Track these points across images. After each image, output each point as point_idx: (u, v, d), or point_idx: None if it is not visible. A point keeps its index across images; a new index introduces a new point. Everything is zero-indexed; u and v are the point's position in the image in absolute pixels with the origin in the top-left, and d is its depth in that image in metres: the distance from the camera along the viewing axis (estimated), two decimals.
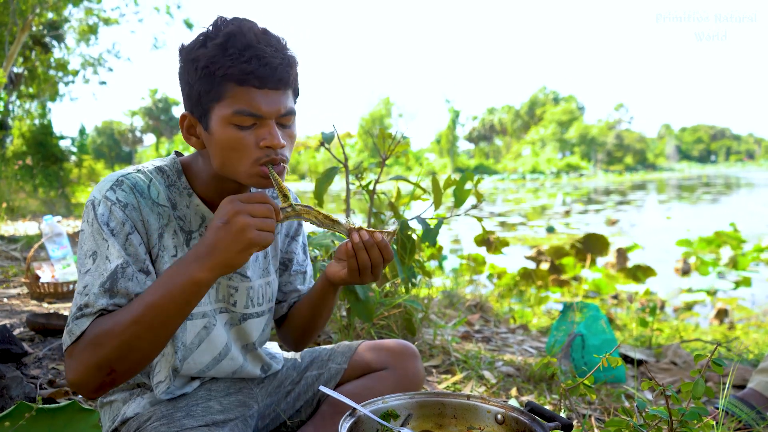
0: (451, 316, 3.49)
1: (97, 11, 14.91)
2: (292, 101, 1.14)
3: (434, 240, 2.36)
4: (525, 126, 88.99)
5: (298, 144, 6.56)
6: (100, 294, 1.06)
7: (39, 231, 6.24)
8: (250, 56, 1.05)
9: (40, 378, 2.01)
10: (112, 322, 1.03)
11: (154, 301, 1.02)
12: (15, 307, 3.10)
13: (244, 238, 1.00)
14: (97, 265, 1.08)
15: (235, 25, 1.07)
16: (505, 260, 7.81)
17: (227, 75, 1.05)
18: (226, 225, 1.01)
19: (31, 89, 16.54)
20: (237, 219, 1.00)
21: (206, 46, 1.07)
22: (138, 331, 1.02)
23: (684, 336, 4.07)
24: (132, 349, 1.03)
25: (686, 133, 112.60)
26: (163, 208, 1.18)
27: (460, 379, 2.32)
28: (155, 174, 1.20)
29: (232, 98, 1.07)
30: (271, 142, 1.08)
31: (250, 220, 1.00)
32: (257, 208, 1.02)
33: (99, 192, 1.12)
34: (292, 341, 1.48)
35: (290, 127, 1.14)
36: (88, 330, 1.04)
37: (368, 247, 1.17)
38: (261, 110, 1.07)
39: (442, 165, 70.89)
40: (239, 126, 1.08)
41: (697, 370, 1.21)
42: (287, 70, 1.09)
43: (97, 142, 65.87)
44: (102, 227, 1.09)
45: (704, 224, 12.41)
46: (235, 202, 1.02)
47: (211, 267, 1.02)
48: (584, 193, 30.97)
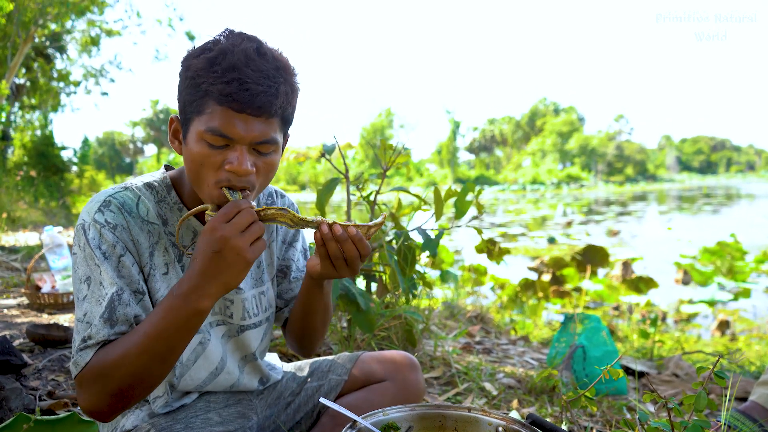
0: (451, 327, 3.48)
1: (99, 23, 15.01)
2: (275, 130, 1.09)
3: (435, 250, 2.36)
4: (525, 137, 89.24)
5: (299, 155, 6.54)
6: (102, 325, 1.07)
7: (39, 241, 6.24)
8: (232, 78, 1.03)
9: (39, 389, 2.00)
10: (118, 353, 1.04)
11: (159, 333, 1.03)
12: (15, 317, 3.10)
13: (242, 261, 1.01)
14: (92, 291, 1.09)
15: (230, 42, 1.06)
16: (507, 271, 7.80)
17: (209, 91, 1.04)
18: (220, 253, 1.00)
19: (33, 100, 16.63)
20: (231, 244, 1.00)
21: (199, 57, 1.07)
22: (145, 361, 1.03)
23: (686, 347, 4.05)
24: (142, 378, 1.04)
25: (686, 144, 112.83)
26: (153, 225, 1.18)
27: (461, 391, 2.31)
28: (144, 190, 1.19)
29: (209, 115, 1.05)
30: (234, 167, 1.06)
31: (241, 240, 1.00)
32: (241, 221, 1.01)
33: (88, 215, 1.12)
34: (297, 346, 1.47)
35: (269, 155, 1.11)
36: (93, 361, 1.05)
37: (341, 240, 1.14)
38: (233, 133, 1.05)
39: (443, 176, 71.02)
40: (210, 144, 1.07)
41: (700, 382, 1.21)
42: (270, 99, 1.05)
43: (98, 152, 66.08)
44: (94, 251, 1.10)
45: (705, 235, 12.40)
46: (219, 227, 1.01)
47: (212, 294, 1.02)
48: (585, 204, 30.98)
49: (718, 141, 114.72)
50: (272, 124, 1.08)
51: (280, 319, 1.48)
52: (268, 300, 1.39)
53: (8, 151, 15.49)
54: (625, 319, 5.63)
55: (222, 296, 1.05)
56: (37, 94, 16.46)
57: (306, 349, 1.47)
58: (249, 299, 1.34)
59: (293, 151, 6.51)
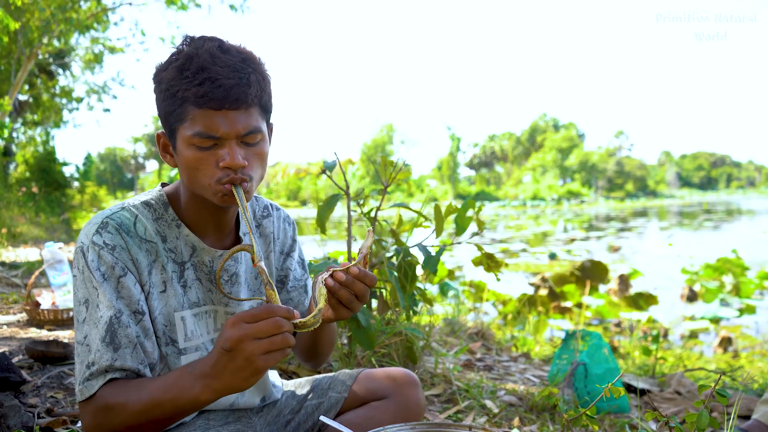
0: (452, 344, 3.47)
1: (102, 40, 15.14)
2: (257, 119, 1.13)
3: (435, 267, 2.36)
4: (526, 153, 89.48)
5: (299, 170, 6.54)
6: (105, 349, 1.08)
7: (40, 257, 6.24)
8: (203, 79, 1.06)
9: (38, 407, 1.99)
10: (121, 401, 1.06)
11: (160, 402, 1.04)
12: (14, 334, 3.09)
13: (251, 367, 0.97)
14: (90, 314, 1.10)
15: (193, 46, 1.09)
16: (507, 287, 7.78)
17: (185, 98, 1.07)
18: (231, 353, 0.97)
19: (35, 116, 16.72)
20: (242, 347, 0.96)
21: (167, 68, 1.10)
22: (144, 420, 1.05)
23: (688, 365, 4.03)
24: (140, 428, 1.06)
25: (686, 160, 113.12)
26: (151, 244, 1.18)
27: (461, 409, 2.30)
28: (142, 209, 1.20)
29: (192, 120, 1.08)
30: (228, 163, 1.09)
31: (255, 346, 0.96)
32: (263, 327, 0.97)
33: (86, 237, 1.13)
34: (304, 360, 1.49)
35: (257, 144, 1.14)
36: (99, 394, 1.07)
37: (348, 284, 1.15)
38: (219, 132, 1.08)
39: (444, 192, 71.11)
40: (199, 147, 1.09)
41: (702, 400, 1.20)
42: (244, 89, 1.08)
43: (99, 168, 66.19)
44: (93, 273, 1.10)
45: (706, 251, 12.38)
46: (239, 324, 0.97)
47: (215, 390, 1.01)
48: (585, 220, 30.98)
49: (718, 157, 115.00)
50: (253, 114, 1.11)
51: None
52: None
53: (10, 167, 15.55)
54: (626, 335, 5.61)
55: (229, 394, 1.04)
56: (39, 110, 16.55)
57: (313, 364, 1.49)
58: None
59: (294, 166, 6.52)
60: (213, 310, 1.28)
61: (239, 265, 1.31)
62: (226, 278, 1.29)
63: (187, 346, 1.23)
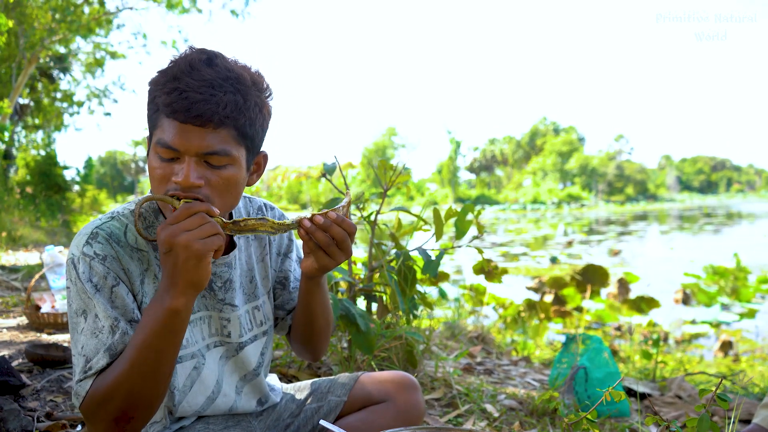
0: (452, 347, 3.46)
1: (104, 45, 15.17)
2: (227, 141, 1.08)
3: (435, 271, 2.36)
4: (526, 156, 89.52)
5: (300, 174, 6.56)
6: (102, 356, 1.08)
7: (40, 261, 6.24)
8: (172, 88, 1.05)
9: (37, 410, 1.98)
10: (111, 376, 1.05)
11: (142, 342, 1.04)
12: (14, 337, 3.08)
13: (192, 254, 1.02)
14: (88, 324, 1.10)
15: (182, 55, 1.09)
16: (507, 291, 7.78)
17: (159, 104, 1.07)
18: (171, 252, 1.02)
19: (36, 120, 16.73)
20: (176, 241, 1.01)
21: (157, 73, 1.10)
22: (136, 375, 1.04)
23: (688, 368, 4.02)
24: (139, 394, 1.05)
25: (686, 164, 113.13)
26: (142, 252, 1.18)
27: (462, 413, 2.29)
28: (131, 218, 1.19)
29: (160, 128, 1.08)
30: (177, 179, 1.06)
31: (187, 236, 1.01)
32: (188, 222, 1.03)
33: (76, 248, 1.12)
34: (304, 350, 1.46)
35: (223, 169, 1.09)
36: (92, 389, 1.07)
37: (325, 227, 1.16)
38: (178, 144, 1.06)
39: (444, 195, 71.10)
40: (161, 157, 1.09)
41: (702, 404, 1.20)
42: (212, 107, 1.04)
43: (100, 171, 66.27)
44: (85, 285, 1.10)
45: (707, 255, 12.38)
46: (166, 228, 1.03)
47: (179, 292, 1.04)
48: (586, 224, 30.98)
49: (718, 161, 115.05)
50: (221, 135, 1.07)
51: (283, 327, 1.47)
52: (264, 314, 1.39)
53: (11, 170, 15.56)
54: (626, 339, 5.60)
55: (197, 294, 1.06)
56: (40, 114, 16.56)
57: (313, 351, 1.46)
58: (243, 315, 1.33)
59: (295, 170, 6.53)
60: (207, 315, 1.28)
61: (233, 271, 1.31)
62: (219, 285, 1.28)
63: (183, 354, 1.23)
